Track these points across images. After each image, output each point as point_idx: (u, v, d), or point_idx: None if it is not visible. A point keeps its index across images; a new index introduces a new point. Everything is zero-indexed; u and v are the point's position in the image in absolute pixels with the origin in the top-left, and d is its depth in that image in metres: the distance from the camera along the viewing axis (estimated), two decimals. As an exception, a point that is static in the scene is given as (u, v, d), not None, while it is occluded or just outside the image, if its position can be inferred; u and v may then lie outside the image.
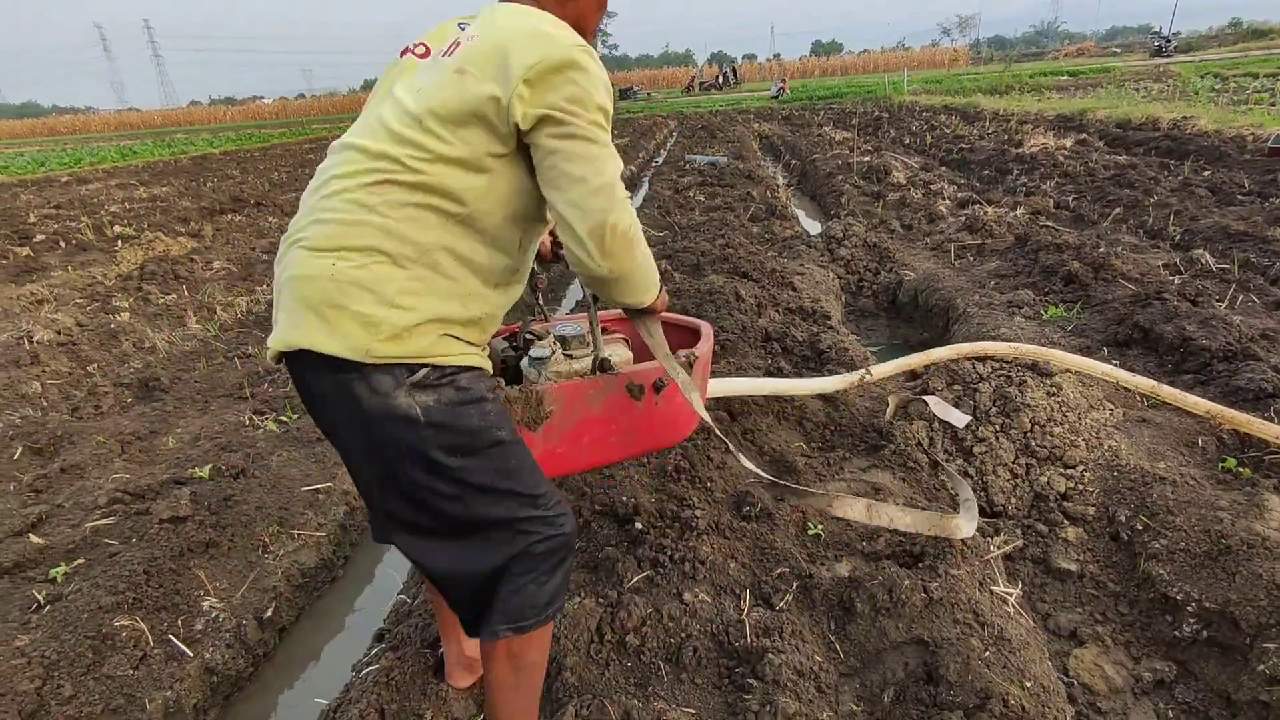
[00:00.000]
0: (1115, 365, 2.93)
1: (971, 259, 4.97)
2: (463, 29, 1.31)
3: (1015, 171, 8.27)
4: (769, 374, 3.21)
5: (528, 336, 1.82)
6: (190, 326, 4.65)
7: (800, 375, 3.26)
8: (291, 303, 1.20)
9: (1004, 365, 2.90)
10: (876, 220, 6.20)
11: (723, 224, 6.34)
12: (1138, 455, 2.52)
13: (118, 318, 4.72)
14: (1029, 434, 2.65)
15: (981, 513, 2.53)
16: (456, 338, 1.25)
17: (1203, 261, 4.24)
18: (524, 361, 1.74)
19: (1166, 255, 4.58)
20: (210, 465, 2.72)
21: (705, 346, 1.89)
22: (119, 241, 6.85)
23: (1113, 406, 2.78)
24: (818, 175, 9.44)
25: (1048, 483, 2.52)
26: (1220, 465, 2.46)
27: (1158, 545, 2.19)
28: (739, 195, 7.74)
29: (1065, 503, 2.47)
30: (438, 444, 1.20)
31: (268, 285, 5.35)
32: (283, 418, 3.19)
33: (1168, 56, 32.05)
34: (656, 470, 2.54)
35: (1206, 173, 6.99)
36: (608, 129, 1.25)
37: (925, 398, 2.86)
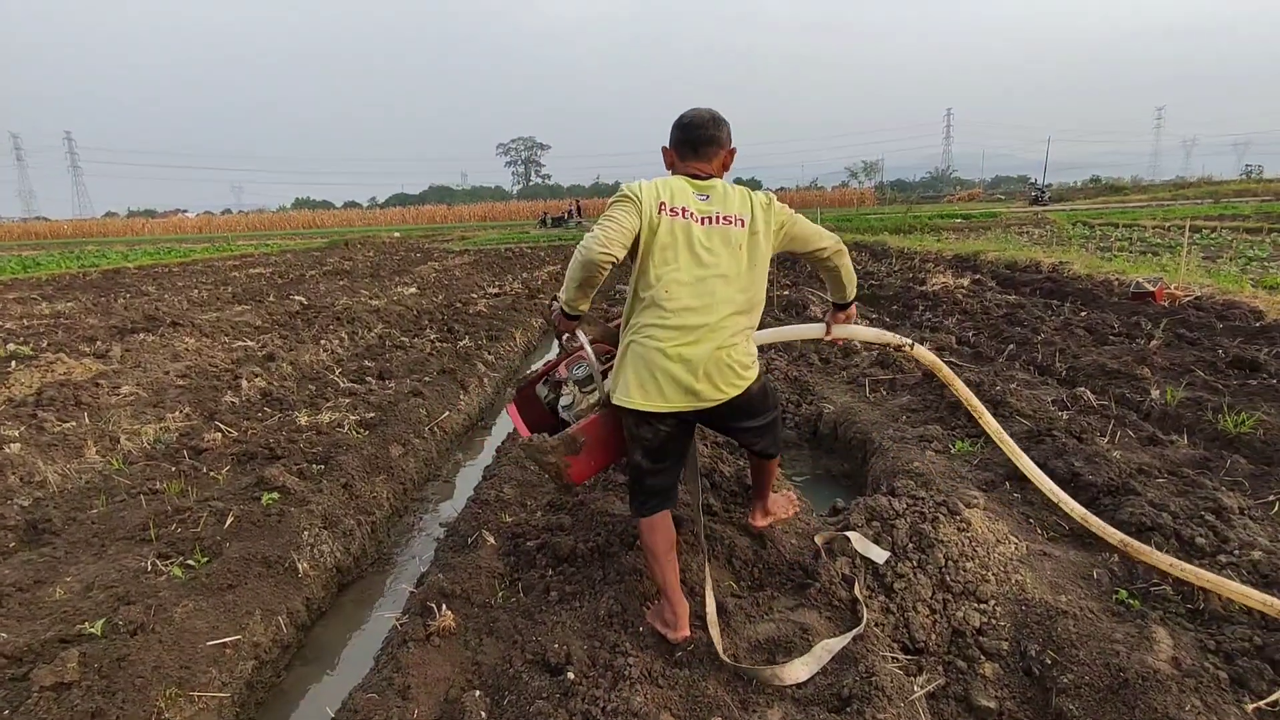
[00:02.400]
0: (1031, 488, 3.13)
1: (885, 393, 5.30)
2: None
3: (921, 307, 8.99)
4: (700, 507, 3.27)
5: (558, 379, 2.73)
6: (89, 458, 4.40)
7: (729, 511, 3.34)
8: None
9: (918, 502, 3.07)
10: (796, 354, 6.57)
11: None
12: (1042, 589, 2.67)
13: (6, 449, 4.42)
14: (944, 569, 2.78)
15: (904, 650, 2.61)
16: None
17: (1085, 398, 4.67)
18: (560, 410, 2.67)
19: (1055, 391, 5.03)
20: (103, 620, 2.52)
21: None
22: (13, 362, 6.49)
23: (1017, 540, 2.96)
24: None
25: (964, 618, 2.63)
26: (1114, 598, 2.63)
27: (1066, 680, 2.29)
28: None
29: (981, 638, 2.57)
30: None
31: (180, 412, 5.16)
32: (190, 561, 3.02)
33: (1044, 205, 36.19)
34: (589, 615, 2.51)
35: (1083, 313, 7.80)
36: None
37: (848, 534, 2.98)
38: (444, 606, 2.50)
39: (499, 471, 3.98)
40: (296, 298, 11.28)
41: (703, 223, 2.26)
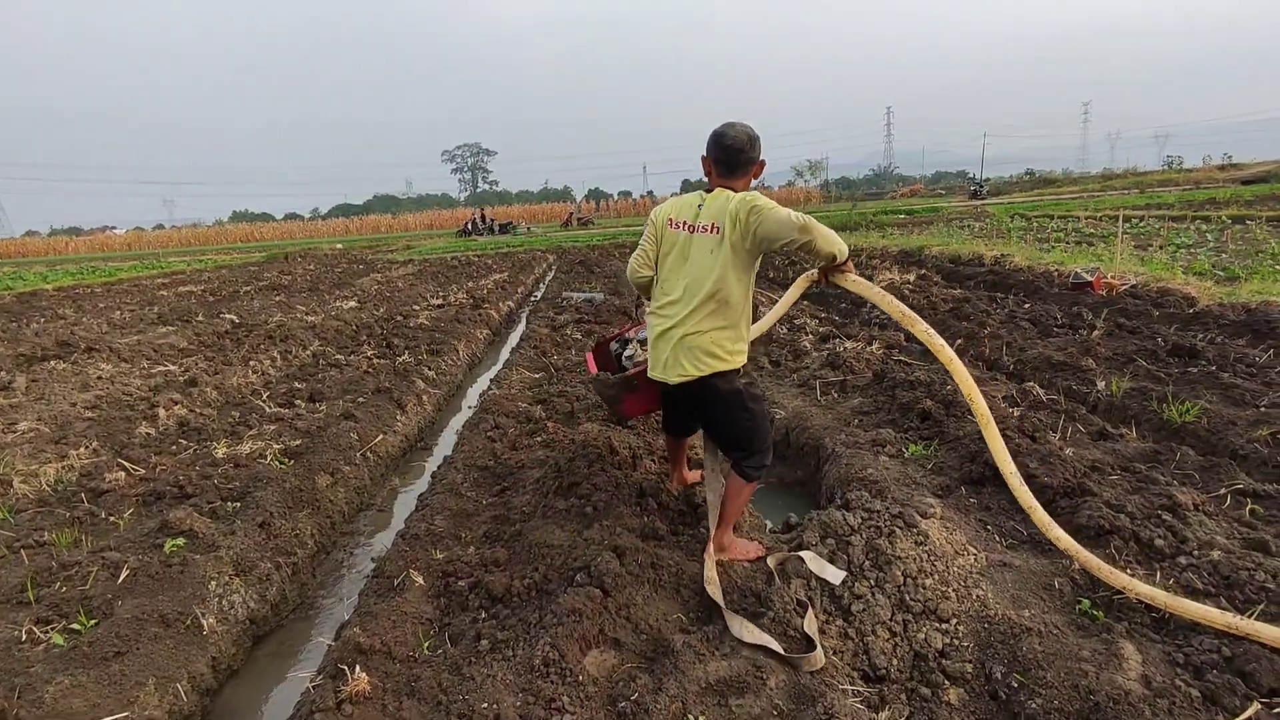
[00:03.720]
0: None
1: (835, 395, 5.19)
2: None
3: (868, 305, 8.98)
4: (643, 535, 3.07)
5: (626, 338, 3.48)
6: (-23, 506, 3.96)
7: (676, 534, 3.14)
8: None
9: (873, 515, 2.93)
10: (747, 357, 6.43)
11: (599, 364, 6.36)
12: (1004, 603, 2.55)
13: (-119, 500, 3.95)
14: (903, 587, 2.63)
15: (864, 678, 2.45)
16: None
17: (1034, 393, 4.63)
18: (624, 360, 3.36)
19: (1004, 386, 4.98)
20: (-38, 705, 2.18)
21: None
22: (-97, 401, 5.92)
23: (975, 551, 2.83)
24: (691, 309, 9.83)
25: (925, 639, 2.48)
26: (1077, 609, 2.52)
27: (1034, 705, 2.16)
28: (616, 331, 7.86)
29: (944, 660, 2.42)
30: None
31: (85, 448, 4.72)
32: (75, 625, 2.67)
33: (983, 199, 37.21)
34: (524, 665, 2.28)
35: (1026, 305, 7.88)
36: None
37: (802, 554, 2.82)
38: (359, 667, 2.24)
39: (432, 500, 3.71)
40: (227, 316, 10.71)
41: (692, 232, 2.73)
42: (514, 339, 9.43)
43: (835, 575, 2.72)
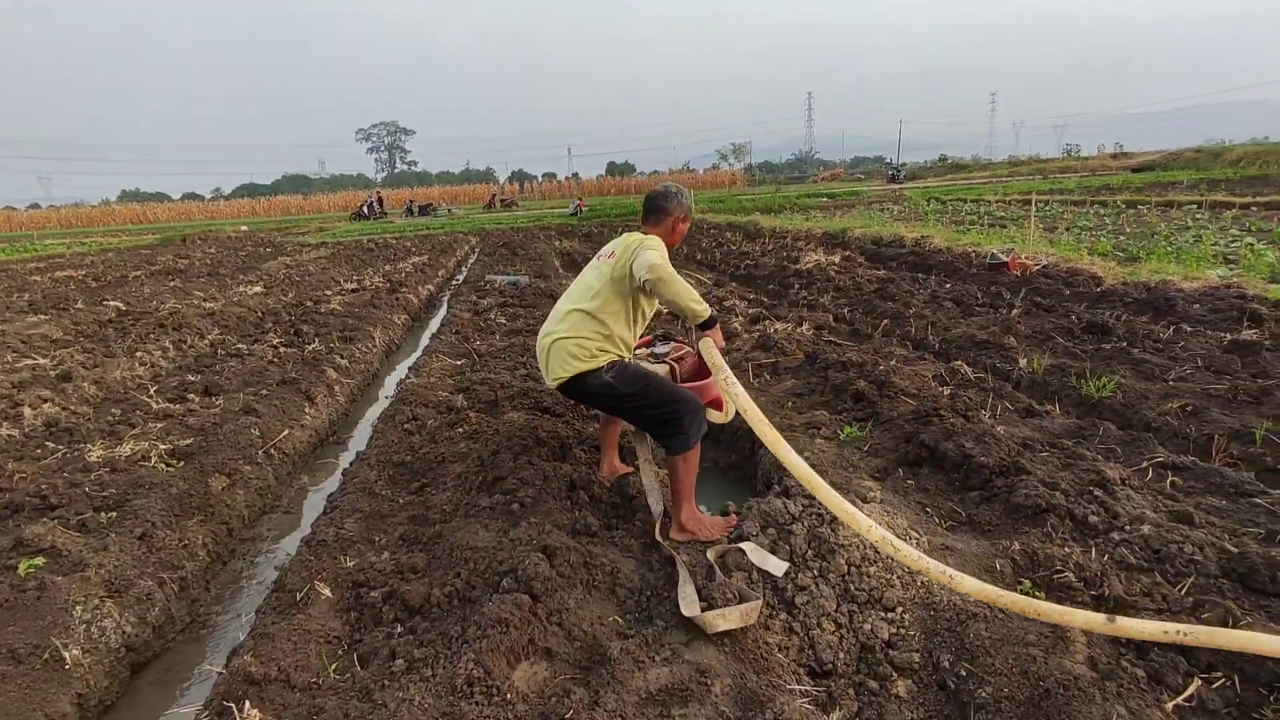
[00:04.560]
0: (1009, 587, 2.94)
1: (768, 377, 5.11)
2: None
3: (796, 286, 9.00)
4: (574, 531, 2.87)
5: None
6: None
7: (610, 529, 2.96)
8: None
9: (814, 503, 2.82)
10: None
11: (524, 350, 6.08)
12: (948, 589, 2.48)
13: None
14: (847, 576, 2.53)
15: (811, 674, 2.33)
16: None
17: (963, 372, 4.67)
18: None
19: (932, 365, 5.02)
20: None
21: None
22: None
23: (918, 535, 2.77)
24: (620, 292, 9.63)
25: (872, 630, 2.38)
26: (1019, 589, 2.48)
27: (984, 694, 2.08)
28: (542, 317, 7.58)
29: (891, 651, 2.33)
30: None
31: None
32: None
33: (900, 183, 38.44)
34: (444, 685, 2.04)
35: (948, 285, 8.05)
36: None
37: (742, 545, 2.68)
38: (249, 703, 1.95)
39: (342, 501, 3.38)
40: (112, 303, 9.78)
41: (599, 259, 3.06)
42: (434, 324, 9.00)
43: (778, 567, 2.60)
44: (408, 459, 3.83)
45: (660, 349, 3.42)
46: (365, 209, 35.67)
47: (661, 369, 3.19)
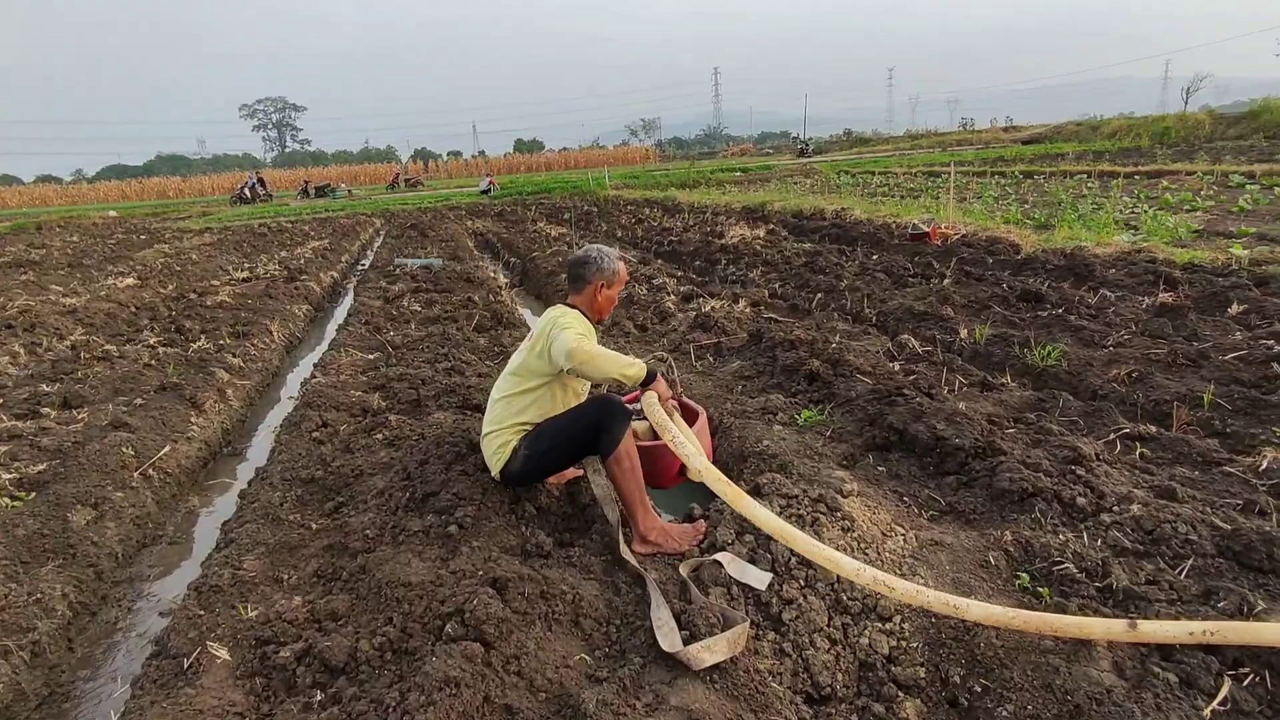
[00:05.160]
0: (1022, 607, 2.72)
1: (712, 360, 4.83)
2: None
3: (723, 261, 8.79)
4: (525, 554, 2.49)
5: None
6: None
7: (565, 548, 2.59)
8: None
9: (792, 501, 2.55)
10: (610, 322, 5.93)
11: (445, 339, 5.57)
12: (947, 590, 2.26)
13: None
14: (836, 585, 2.27)
15: (809, 700, 2.06)
16: None
17: (910, 346, 4.53)
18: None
19: (878, 339, 4.87)
20: None
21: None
22: None
23: (903, 530, 2.55)
24: (540, 273, 9.16)
25: (870, 645, 2.13)
26: (1017, 584, 2.30)
27: (1005, 713, 1.87)
28: (459, 301, 7.04)
29: (894, 667, 2.09)
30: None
31: None
32: None
33: (809, 157, 39.13)
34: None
35: (875, 256, 8.01)
36: None
37: (718, 557, 2.38)
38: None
39: (239, 532, 2.86)
40: (-51, 303, 8.46)
41: (527, 339, 2.83)
42: (341, 314, 8.25)
43: (760, 579, 2.32)
44: (318, 474, 3.31)
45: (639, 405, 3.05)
46: (246, 191, 32.77)
47: (642, 426, 2.91)
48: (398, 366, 4.93)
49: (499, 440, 2.71)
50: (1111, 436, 3.17)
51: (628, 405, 2.74)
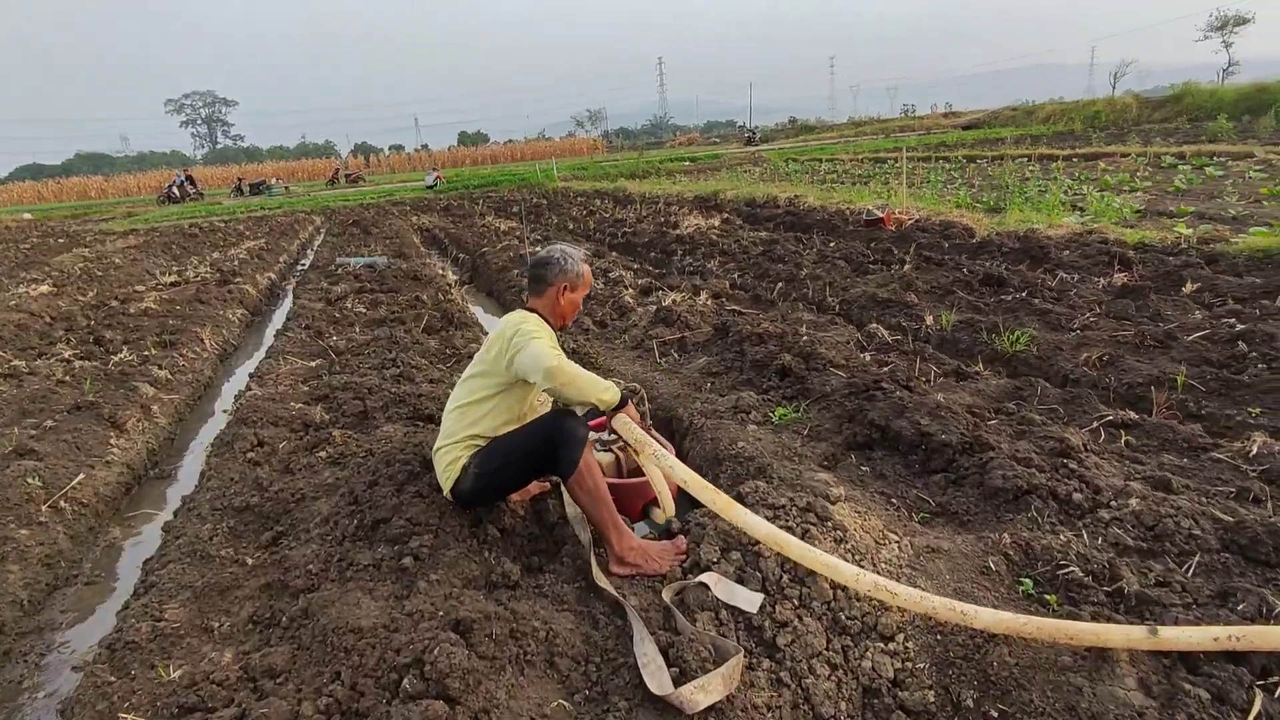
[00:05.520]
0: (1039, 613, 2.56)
1: (677, 356, 4.63)
2: None
3: (680, 252, 8.60)
4: (490, 585, 2.25)
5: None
6: None
7: (534, 574, 2.35)
8: None
9: (779, 511, 2.36)
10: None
11: (392, 342, 5.23)
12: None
13: None
14: (832, 602, 2.09)
15: (811, 734, 1.88)
16: None
17: (880, 335, 4.41)
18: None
19: (846, 329, 4.74)
20: None
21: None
22: None
23: (897, 537, 2.39)
24: (490, 270, 8.82)
25: (873, 668, 1.96)
26: (1020, 590, 2.16)
27: (1026, 741, 1.72)
28: (407, 301, 6.68)
29: (901, 692, 1.92)
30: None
31: None
32: None
33: (756, 145, 39.27)
34: None
35: (832, 244, 7.93)
36: None
37: (704, 578, 2.18)
38: None
39: (162, 574, 2.53)
40: None
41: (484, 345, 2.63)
42: (280, 319, 7.78)
43: (750, 600, 2.12)
44: (254, 500, 2.99)
45: (608, 435, 2.84)
46: (174, 190, 31.14)
47: (606, 459, 2.76)
48: (342, 374, 4.59)
49: (449, 456, 2.48)
50: (1095, 425, 3.08)
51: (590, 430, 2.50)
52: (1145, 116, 28.18)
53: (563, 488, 2.58)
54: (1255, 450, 2.64)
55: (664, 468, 2.32)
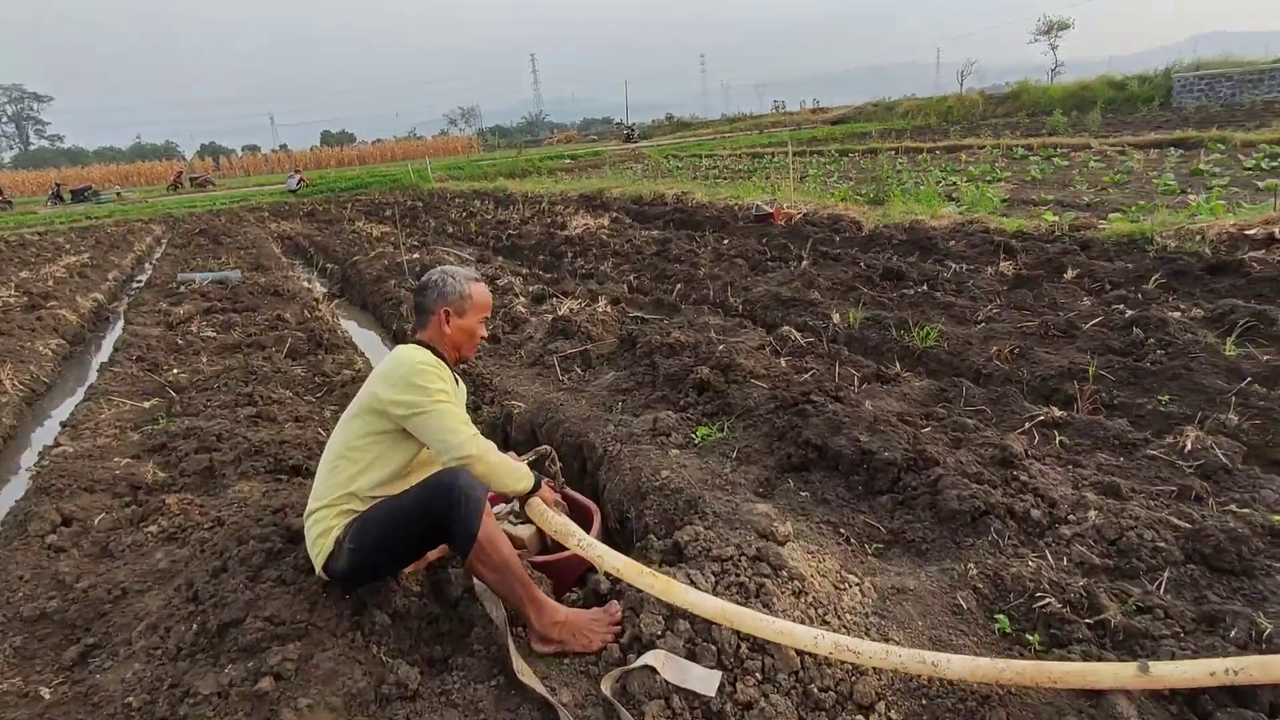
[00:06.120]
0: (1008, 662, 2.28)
1: (580, 372, 4.23)
2: None
3: (570, 254, 8.19)
4: (382, 700, 1.77)
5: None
6: None
7: (439, 673, 1.89)
8: None
9: (727, 565, 2.03)
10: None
11: (248, 373, 4.49)
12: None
13: None
14: (800, 672, 1.78)
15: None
16: None
17: (793, 339, 4.21)
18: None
19: (755, 333, 4.52)
20: None
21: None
22: None
23: (855, 578, 2.12)
24: (364, 281, 8.03)
25: (855, 749, 1.67)
26: (996, 628, 1.94)
27: (1039, 824, 1.47)
28: (267, 322, 5.86)
29: (889, 776, 1.64)
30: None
31: None
32: None
33: (635, 142, 39.31)
34: None
35: (726, 241, 7.78)
36: None
37: (649, 660, 1.80)
38: None
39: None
40: None
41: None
42: (107, 349, 6.66)
43: (706, 681, 1.77)
44: (53, 603, 2.31)
45: (518, 506, 2.42)
46: None
47: (526, 531, 2.43)
48: (183, 418, 3.84)
49: (320, 526, 2.00)
50: (1027, 426, 2.97)
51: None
52: (991, 111, 30.54)
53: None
54: (1189, 446, 2.59)
55: (592, 558, 1.99)
